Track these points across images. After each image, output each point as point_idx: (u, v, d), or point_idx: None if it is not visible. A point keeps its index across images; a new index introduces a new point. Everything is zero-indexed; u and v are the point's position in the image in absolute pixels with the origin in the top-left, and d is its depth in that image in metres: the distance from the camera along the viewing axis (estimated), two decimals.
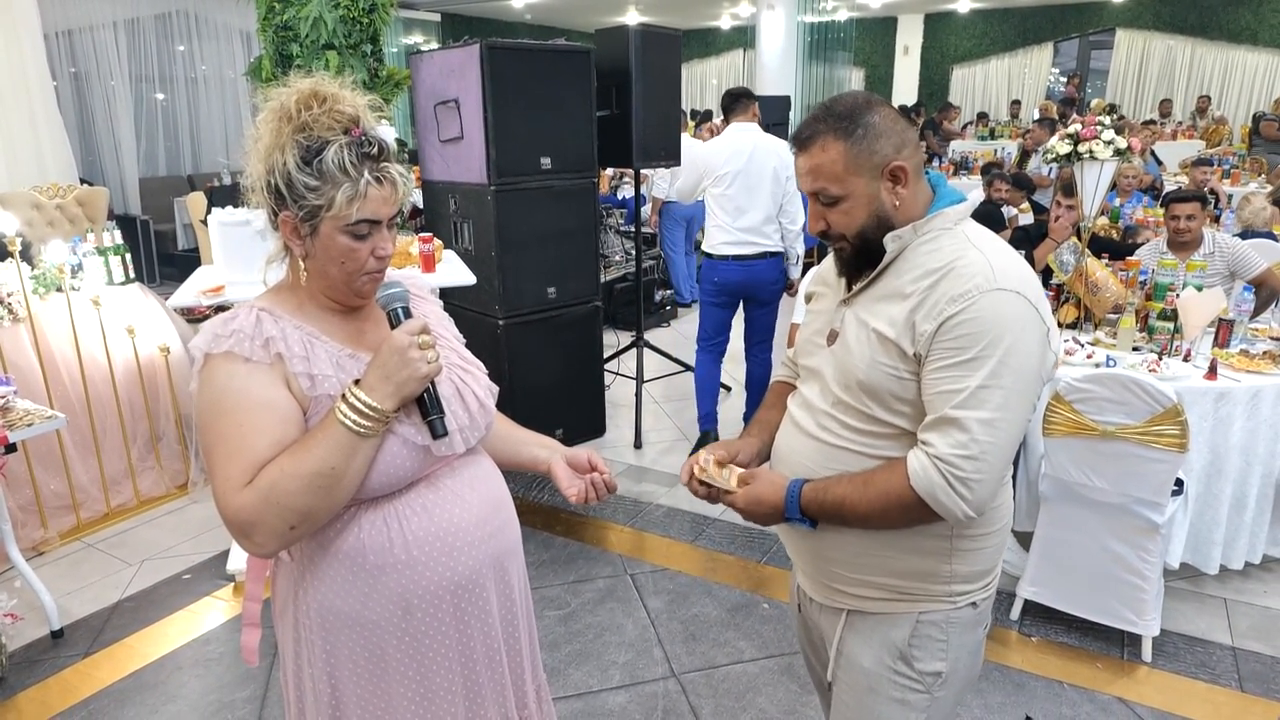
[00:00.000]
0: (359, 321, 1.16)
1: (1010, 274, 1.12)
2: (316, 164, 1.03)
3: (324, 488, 1.01)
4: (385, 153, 1.07)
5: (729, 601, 2.76)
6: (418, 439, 1.09)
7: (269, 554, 1.04)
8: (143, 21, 8.23)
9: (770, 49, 9.21)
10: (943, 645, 1.24)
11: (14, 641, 2.55)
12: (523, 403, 3.75)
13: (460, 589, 1.14)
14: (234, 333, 1.05)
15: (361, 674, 1.13)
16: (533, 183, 3.60)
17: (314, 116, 1.05)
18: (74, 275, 3.40)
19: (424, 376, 1.05)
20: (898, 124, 1.17)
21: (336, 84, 1.08)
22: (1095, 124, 3.04)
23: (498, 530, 1.19)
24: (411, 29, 11.92)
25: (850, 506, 1.16)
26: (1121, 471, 2.36)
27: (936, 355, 1.11)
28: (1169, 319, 2.93)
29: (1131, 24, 12.08)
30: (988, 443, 1.08)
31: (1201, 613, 2.67)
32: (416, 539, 1.10)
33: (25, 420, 2.51)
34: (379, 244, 1.09)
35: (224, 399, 1.03)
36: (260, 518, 0.99)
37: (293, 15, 3.47)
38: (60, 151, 4.97)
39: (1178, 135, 9.94)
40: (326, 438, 1.01)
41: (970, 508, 1.10)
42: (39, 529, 3.13)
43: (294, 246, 1.09)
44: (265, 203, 1.08)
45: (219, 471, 1.02)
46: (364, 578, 1.09)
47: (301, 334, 1.09)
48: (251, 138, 1.09)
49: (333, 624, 1.11)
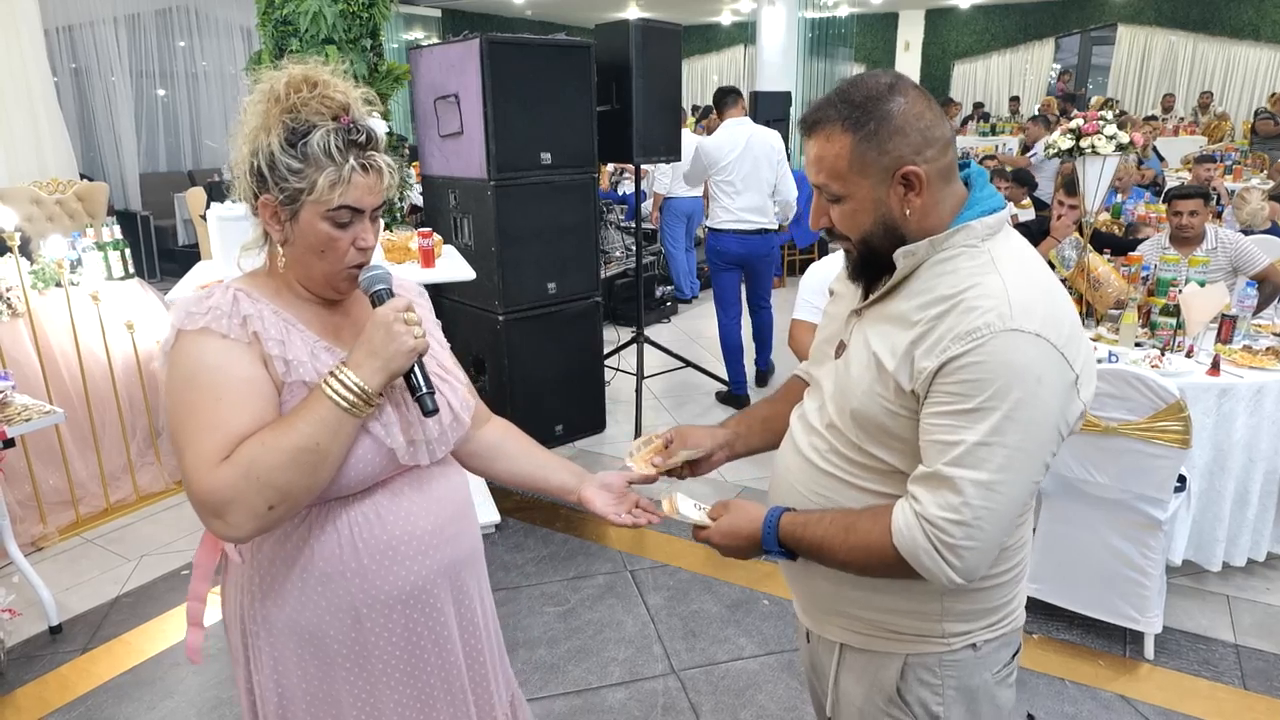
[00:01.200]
0: (336, 316, 1.13)
1: (1032, 311, 0.95)
2: (301, 146, 1.00)
3: (308, 464, 0.97)
4: (373, 141, 1.05)
5: (729, 598, 2.75)
6: (387, 441, 1.06)
7: (243, 537, 0.98)
8: (143, 17, 8.22)
9: (771, 45, 9.18)
10: (937, 688, 1.12)
11: (12, 637, 2.55)
12: (523, 398, 3.75)
13: (411, 598, 1.11)
14: (210, 309, 1.02)
15: (310, 683, 1.10)
16: (533, 178, 3.58)
17: (303, 100, 1.02)
18: (73, 270, 3.39)
19: (410, 350, 1.02)
20: (923, 119, 0.99)
21: (329, 71, 1.06)
22: (1097, 119, 3.02)
23: (452, 539, 1.15)
24: (412, 24, 11.90)
25: (829, 551, 1.06)
26: (1123, 467, 2.35)
27: (935, 398, 0.97)
28: (1172, 314, 2.92)
29: (1133, 20, 12.05)
30: (982, 508, 0.94)
31: (1204, 610, 2.66)
32: (367, 546, 1.07)
33: (24, 415, 2.51)
34: (360, 234, 1.05)
35: (200, 374, 1.00)
36: (238, 494, 0.94)
37: (292, 10, 3.45)
38: (60, 147, 4.95)
39: (1179, 131, 9.92)
40: (311, 413, 0.98)
41: (958, 575, 0.97)
42: (38, 524, 3.13)
43: (273, 232, 1.06)
44: (247, 186, 1.05)
45: (191, 447, 0.97)
46: (313, 584, 1.06)
47: (278, 318, 1.05)
48: (238, 120, 1.06)
49: (280, 631, 1.08)
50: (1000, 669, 1.16)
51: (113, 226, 3.71)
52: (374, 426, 1.05)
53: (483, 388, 3.86)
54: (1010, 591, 1.14)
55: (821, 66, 11.55)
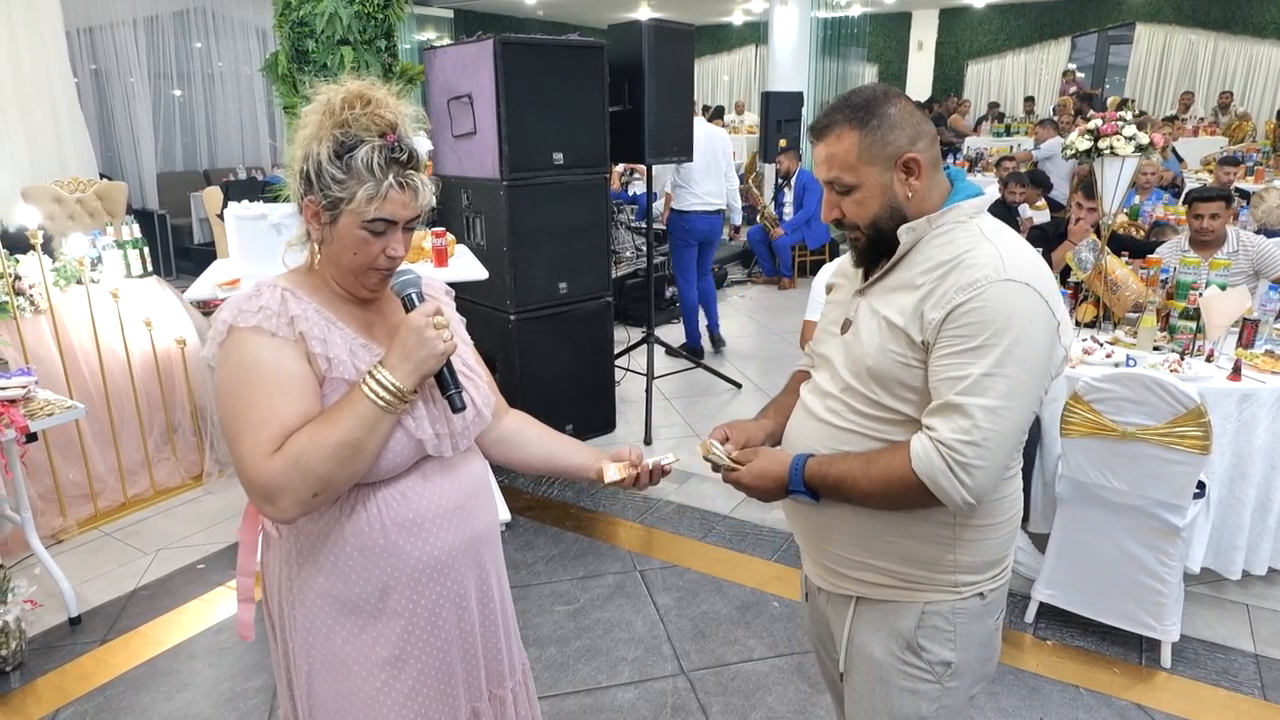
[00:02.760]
0: (369, 313, 1.21)
1: (1022, 266, 1.12)
2: (347, 159, 1.08)
3: (348, 457, 1.06)
4: (414, 161, 1.12)
5: (739, 599, 2.75)
6: (418, 433, 1.14)
7: (290, 519, 1.08)
8: (161, 19, 8.30)
9: (783, 45, 9.14)
10: (950, 635, 1.25)
11: (33, 628, 2.58)
12: (533, 397, 3.75)
13: (435, 570, 1.19)
14: (261, 308, 1.10)
15: (337, 647, 1.17)
16: (545, 178, 3.59)
17: (355, 116, 1.10)
18: (94, 268, 3.43)
19: (441, 354, 1.10)
20: (913, 116, 1.18)
21: (385, 90, 1.14)
22: (1116, 119, 2.99)
23: (471, 514, 1.23)
24: (425, 25, 11.95)
25: (852, 483, 1.18)
26: (1141, 473, 2.32)
27: (943, 343, 1.12)
28: (1192, 318, 2.88)
29: (1152, 18, 11.90)
30: (990, 430, 1.08)
31: (1223, 618, 2.62)
32: (395, 523, 1.15)
33: (46, 410, 2.54)
34: (392, 244, 1.13)
35: (256, 368, 1.08)
36: (288, 483, 1.04)
37: (309, 11, 3.47)
38: (81, 147, 5.01)
39: (1199, 131, 9.79)
40: (352, 410, 1.07)
41: (970, 494, 1.10)
42: (58, 517, 3.17)
43: (314, 231, 1.14)
44: (296, 187, 1.14)
45: (248, 437, 1.06)
46: (344, 557, 1.15)
47: (320, 317, 1.14)
48: (296, 125, 1.15)
49: (315, 599, 1.17)
50: (998, 617, 1.31)
51: (132, 225, 3.75)
52: (406, 421, 1.13)
53: None
54: (1009, 542, 1.29)
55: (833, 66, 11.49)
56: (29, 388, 2.58)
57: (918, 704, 1.27)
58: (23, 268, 3.22)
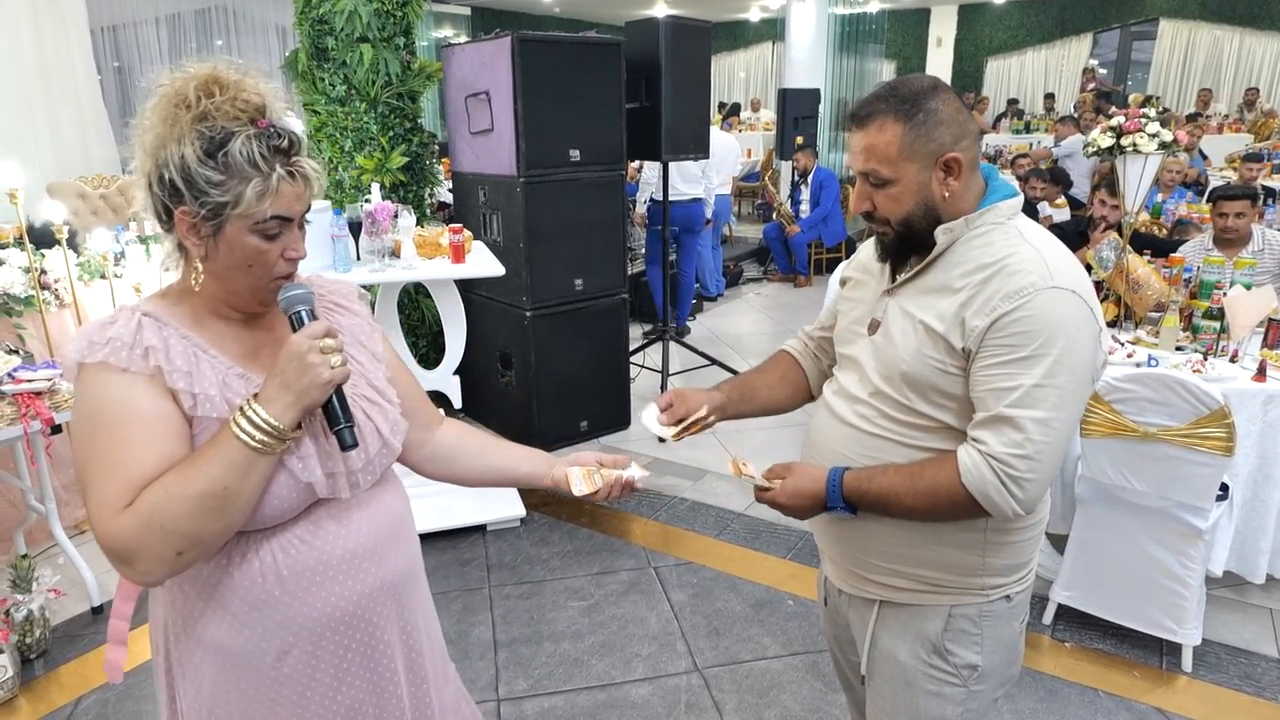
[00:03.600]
0: (258, 333, 1.06)
1: (1066, 272, 1.10)
2: (221, 157, 0.93)
3: (215, 509, 0.91)
4: (296, 146, 0.98)
5: (753, 597, 2.74)
6: (305, 475, 0.99)
7: (155, 582, 0.95)
8: (183, 17, 8.39)
9: (800, 41, 9.10)
10: (976, 638, 1.23)
11: (57, 616, 2.62)
12: (548, 394, 3.77)
13: (341, 622, 1.04)
14: (110, 340, 0.95)
15: (232, 710, 1.04)
16: (561, 175, 3.60)
17: (216, 105, 0.94)
18: (117, 263, 3.48)
19: (326, 383, 0.95)
20: (960, 114, 1.14)
21: (239, 70, 0.98)
22: (1139, 116, 2.95)
23: (383, 557, 1.08)
24: (442, 22, 12.00)
25: (896, 499, 1.14)
26: (1163, 474, 2.29)
27: (989, 352, 1.09)
28: (1215, 318, 2.84)
29: (1176, 14, 11.72)
30: (1042, 442, 1.06)
31: (1246, 623, 2.58)
32: (292, 572, 1.00)
33: (70, 403, 2.58)
34: (290, 244, 1.00)
35: (102, 410, 0.93)
36: (142, 544, 0.89)
37: (329, 9, 3.50)
38: (105, 143, 5.08)
39: (1224, 128, 9.64)
40: (218, 454, 0.91)
41: (1021, 506, 1.09)
42: (81, 508, 3.21)
43: (191, 247, 0.98)
44: (155, 200, 0.97)
45: (94, 491, 0.92)
46: (234, 612, 1.00)
47: (188, 345, 0.98)
48: (138, 127, 0.98)
49: (202, 657, 1.03)
50: (1023, 620, 1.29)
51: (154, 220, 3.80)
52: (291, 461, 0.98)
53: (509, 383, 3.89)
54: (1035, 545, 1.26)
55: (851, 63, 11.40)
56: (54, 380, 2.62)
57: (943, 707, 1.25)
58: (48, 262, 3.27)
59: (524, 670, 2.40)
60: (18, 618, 2.42)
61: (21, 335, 3.04)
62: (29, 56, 4.52)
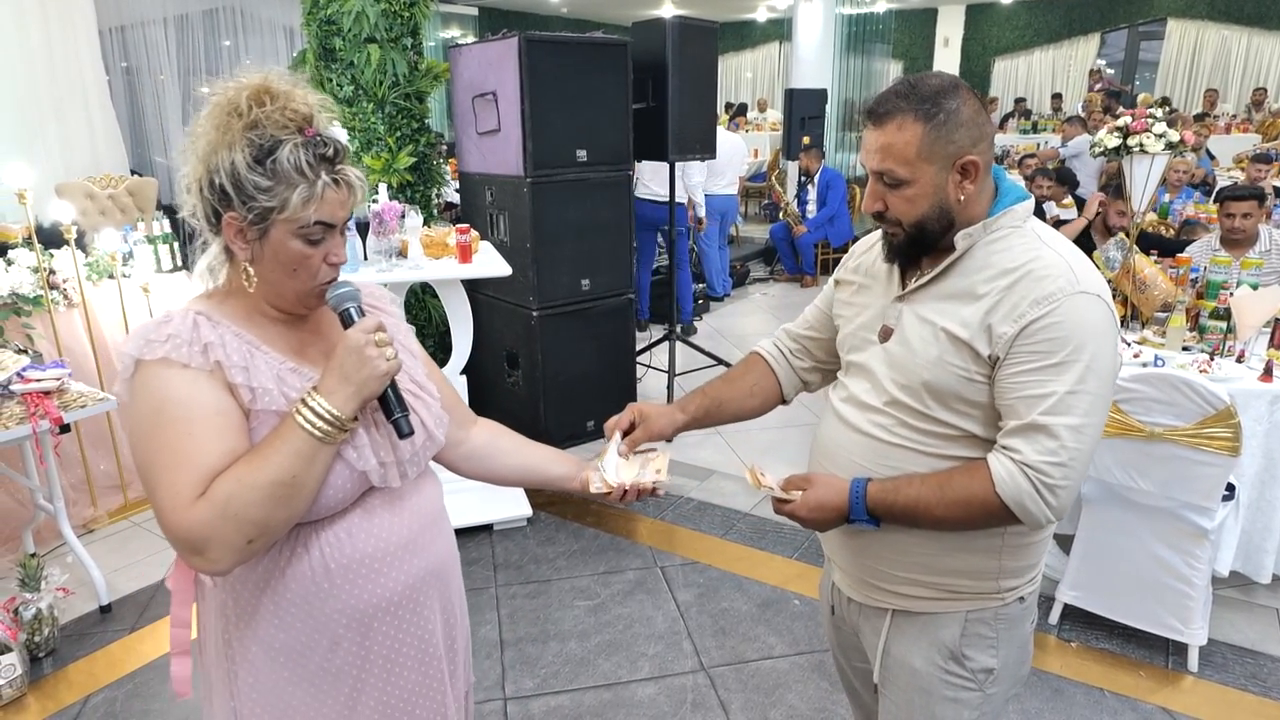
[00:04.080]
0: (302, 332, 1.10)
1: (1089, 276, 1.09)
2: (270, 164, 0.97)
3: (284, 497, 0.95)
4: (341, 154, 1.02)
5: (759, 596, 2.75)
6: (360, 464, 1.04)
7: (224, 570, 0.98)
8: (191, 17, 8.43)
9: (807, 42, 9.09)
10: (992, 641, 1.23)
11: (65, 615, 2.64)
12: (555, 394, 3.78)
13: (388, 610, 1.09)
14: (170, 337, 0.98)
15: (287, 702, 1.07)
16: (568, 175, 3.61)
17: (266, 113, 0.98)
18: (125, 263, 3.50)
19: (384, 374, 1.00)
20: (979, 115, 1.11)
21: (289, 81, 1.02)
22: (1146, 116, 2.94)
23: (425, 548, 1.13)
24: (449, 22, 12.03)
25: (925, 510, 1.12)
26: (1169, 474, 2.29)
27: (1019, 358, 1.07)
28: (1222, 318, 2.84)
29: (1184, 14, 11.68)
30: (1075, 449, 1.05)
31: (1252, 623, 2.58)
32: (339, 566, 1.04)
33: (79, 402, 2.60)
34: (332, 249, 1.03)
35: (168, 406, 0.96)
36: (216, 532, 0.93)
37: (336, 10, 3.52)
38: (113, 143, 5.11)
39: (1231, 129, 9.60)
40: (285, 444, 0.96)
41: (1054, 514, 1.08)
42: (89, 507, 3.24)
43: (239, 251, 1.02)
44: (204, 204, 1.01)
45: (164, 485, 0.94)
46: (286, 606, 1.04)
47: (241, 341, 1.02)
48: (190, 134, 1.02)
49: (259, 653, 1.06)
50: (1033, 620, 1.29)
51: (162, 221, 3.82)
52: (347, 451, 1.03)
53: (515, 383, 3.90)
54: (1047, 545, 1.26)
55: (858, 63, 11.40)
56: (63, 380, 2.64)
57: (960, 713, 1.25)
58: (57, 262, 3.29)
59: (530, 669, 2.41)
60: (26, 616, 2.44)
61: (30, 335, 3.07)
62: (38, 57, 4.54)
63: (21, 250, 3.21)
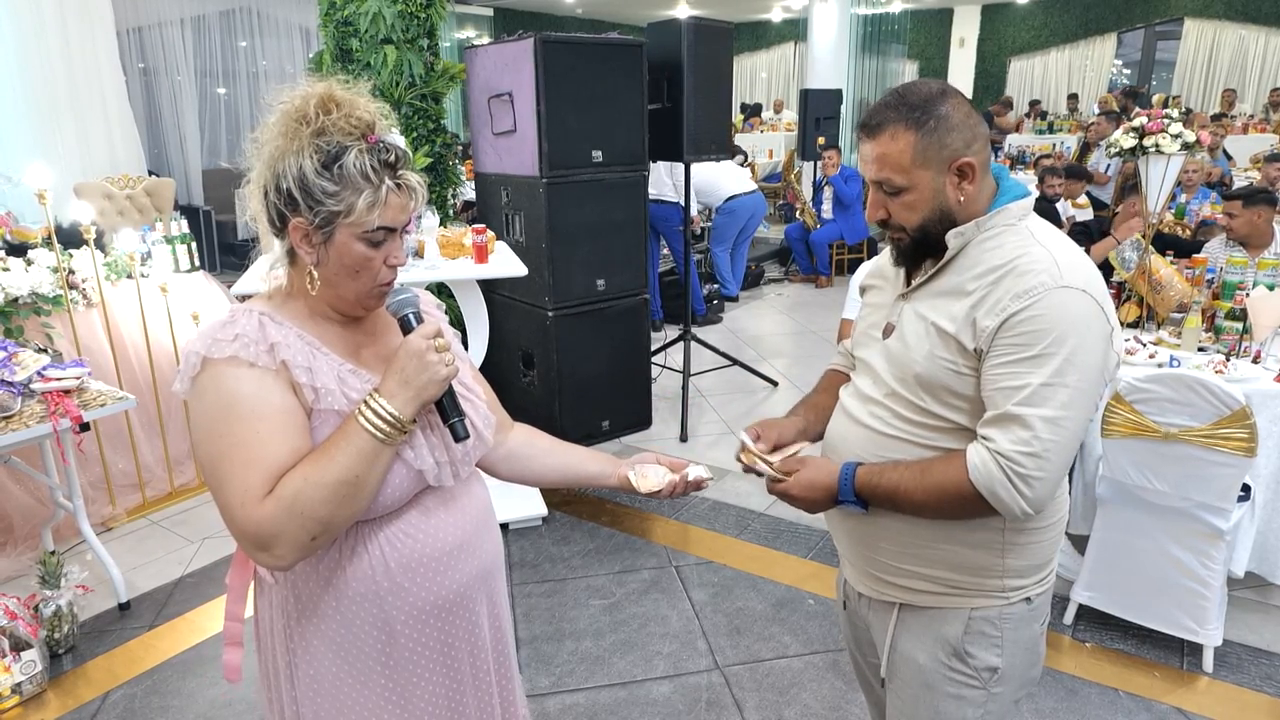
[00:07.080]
0: (359, 335, 1.13)
1: (1076, 271, 1.10)
2: (336, 169, 1.00)
3: (347, 496, 0.98)
4: (402, 160, 1.05)
5: (774, 596, 2.75)
6: (417, 463, 1.07)
7: (288, 566, 1.01)
8: (208, 18, 8.51)
9: (822, 42, 9.08)
10: (997, 640, 1.23)
11: (85, 612, 2.68)
12: (570, 393, 3.79)
13: (443, 610, 1.12)
14: (237, 336, 1.01)
15: (346, 696, 1.11)
16: (584, 175, 3.62)
17: (332, 121, 1.01)
18: (143, 263, 3.54)
19: (443, 379, 1.03)
20: (970, 118, 1.14)
21: (351, 89, 1.05)
22: (1162, 116, 2.93)
23: (477, 549, 1.16)
24: (465, 23, 12.08)
25: (905, 494, 1.15)
26: (1184, 475, 2.28)
27: (999, 351, 1.09)
28: (1238, 319, 2.82)
29: (1201, 13, 11.57)
30: (1050, 441, 1.06)
31: (1268, 624, 2.57)
32: (399, 564, 1.08)
33: (98, 401, 2.63)
34: (393, 252, 1.06)
35: (238, 404, 0.99)
36: (283, 529, 0.96)
37: (353, 11, 3.55)
38: (130, 144, 5.16)
39: (1248, 129, 9.51)
40: (348, 444, 0.99)
41: (1029, 505, 1.09)
42: (108, 505, 3.27)
43: (304, 254, 1.04)
44: (270, 208, 1.04)
45: (235, 481, 0.97)
46: (347, 604, 1.07)
47: (303, 342, 1.05)
48: (257, 140, 1.05)
49: (319, 649, 1.09)
50: (1044, 621, 1.29)
51: (179, 221, 3.86)
52: (405, 451, 1.06)
53: (531, 383, 3.92)
54: (1056, 546, 1.26)
55: (873, 64, 11.36)
56: (82, 379, 2.67)
57: (963, 710, 1.26)
58: (76, 262, 3.33)
59: (546, 667, 2.43)
60: (46, 613, 2.47)
61: (50, 334, 3.11)
62: (56, 58, 4.60)
63: (41, 250, 3.25)
